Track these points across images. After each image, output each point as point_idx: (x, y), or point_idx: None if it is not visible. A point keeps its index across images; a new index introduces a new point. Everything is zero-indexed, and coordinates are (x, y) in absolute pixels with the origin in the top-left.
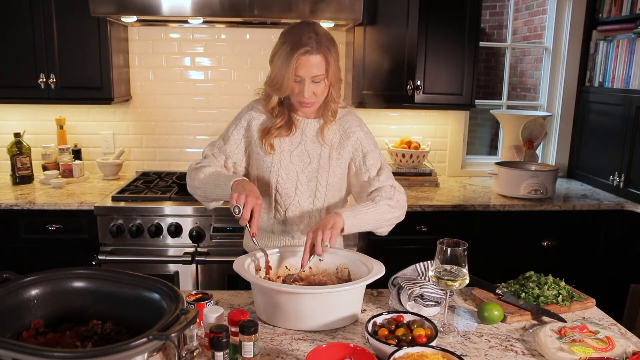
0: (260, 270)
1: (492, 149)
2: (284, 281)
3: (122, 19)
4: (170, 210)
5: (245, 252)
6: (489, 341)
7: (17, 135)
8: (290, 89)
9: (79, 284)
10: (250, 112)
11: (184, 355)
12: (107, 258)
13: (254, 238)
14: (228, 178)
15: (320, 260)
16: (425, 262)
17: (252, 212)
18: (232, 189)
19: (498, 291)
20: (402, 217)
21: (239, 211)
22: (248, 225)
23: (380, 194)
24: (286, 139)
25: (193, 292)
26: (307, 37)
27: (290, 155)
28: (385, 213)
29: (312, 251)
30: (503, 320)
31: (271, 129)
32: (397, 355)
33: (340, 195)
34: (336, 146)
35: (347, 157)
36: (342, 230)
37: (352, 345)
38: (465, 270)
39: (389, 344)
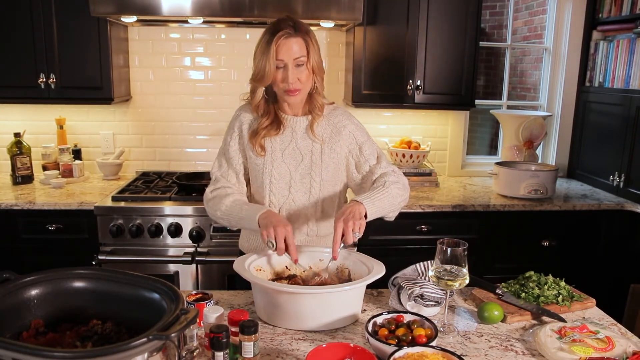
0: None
1: (492, 149)
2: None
3: (122, 19)
4: (170, 210)
5: (241, 253)
6: (489, 341)
7: (17, 135)
8: (273, 76)
9: (79, 284)
10: (239, 117)
11: (184, 355)
12: (107, 258)
13: (297, 264)
14: (251, 210)
15: (320, 260)
16: (425, 262)
17: (285, 240)
18: (259, 226)
19: (498, 291)
20: (407, 200)
21: (273, 245)
22: (287, 254)
23: (387, 179)
24: (277, 138)
25: (193, 292)
26: (285, 24)
27: (282, 154)
28: (396, 197)
29: (341, 241)
30: (503, 320)
31: (258, 129)
32: (397, 355)
33: (334, 190)
34: (327, 141)
35: (341, 152)
36: (365, 218)
37: (352, 345)
38: (465, 270)
39: (389, 344)
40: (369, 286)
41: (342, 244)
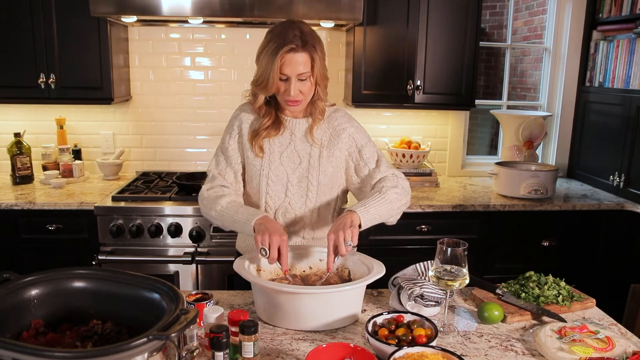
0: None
1: (492, 149)
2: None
3: (122, 19)
4: (170, 210)
5: (238, 254)
6: (489, 341)
7: (17, 135)
8: (276, 87)
9: (79, 284)
10: (239, 116)
11: (184, 355)
12: (107, 258)
13: (287, 275)
14: (247, 215)
15: (320, 260)
16: (425, 262)
17: (279, 249)
18: (254, 231)
19: (498, 291)
20: (409, 203)
21: (266, 253)
22: (278, 263)
23: (385, 184)
24: (275, 140)
25: (193, 292)
26: (292, 34)
27: (280, 157)
28: (394, 202)
29: (336, 252)
30: (503, 320)
31: (259, 129)
32: (397, 355)
33: (331, 194)
34: (326, 144)
35: (340, 155)
36: (359, 227)
37: (352, 345)
38: (465, 270)
39: (389, 344)
40: (369, 286)
41: (337, 256)
